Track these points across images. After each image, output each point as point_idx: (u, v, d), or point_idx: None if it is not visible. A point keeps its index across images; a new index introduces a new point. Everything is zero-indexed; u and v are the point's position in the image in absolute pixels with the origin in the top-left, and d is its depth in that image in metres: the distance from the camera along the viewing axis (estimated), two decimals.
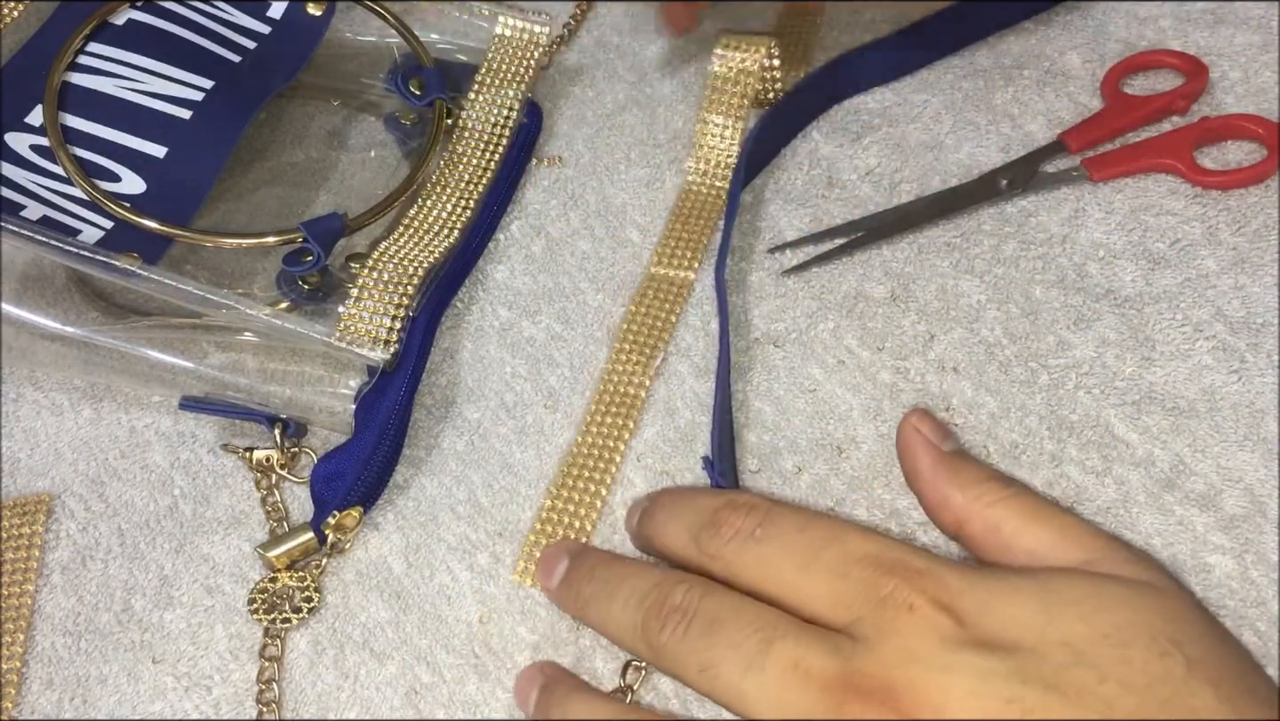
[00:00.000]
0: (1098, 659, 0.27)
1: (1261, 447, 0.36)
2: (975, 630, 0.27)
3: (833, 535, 0.30)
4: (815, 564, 0.30)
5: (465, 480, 0.39)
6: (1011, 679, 0.27)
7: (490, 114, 0.45)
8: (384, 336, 0.38)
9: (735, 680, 0.29)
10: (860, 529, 0.31)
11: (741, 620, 0.29)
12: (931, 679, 0.27)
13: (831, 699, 0.27)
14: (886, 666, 0.27)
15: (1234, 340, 0.39)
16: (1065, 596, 0.28)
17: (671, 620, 0.30)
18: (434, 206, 0.43)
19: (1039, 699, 0.26)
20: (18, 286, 0.40)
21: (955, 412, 0.38)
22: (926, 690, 0.27)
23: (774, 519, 0.31)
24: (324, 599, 0.37)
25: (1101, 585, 0.29)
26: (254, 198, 0.45)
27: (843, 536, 0.30)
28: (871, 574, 0.29)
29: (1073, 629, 0.27)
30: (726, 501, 0.32)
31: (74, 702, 0.35)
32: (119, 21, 0.43)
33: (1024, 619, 0.28)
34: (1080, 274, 0.41)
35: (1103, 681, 0.26)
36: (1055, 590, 0.28)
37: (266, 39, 0.45)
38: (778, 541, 0.31)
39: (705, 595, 0.31)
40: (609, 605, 0.32)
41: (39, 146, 0.40)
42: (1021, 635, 0.27)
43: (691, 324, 0.41)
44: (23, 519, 0.38)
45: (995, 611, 0.28)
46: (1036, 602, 0.28)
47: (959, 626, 0.28)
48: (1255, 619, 0.34)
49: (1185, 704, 0.26)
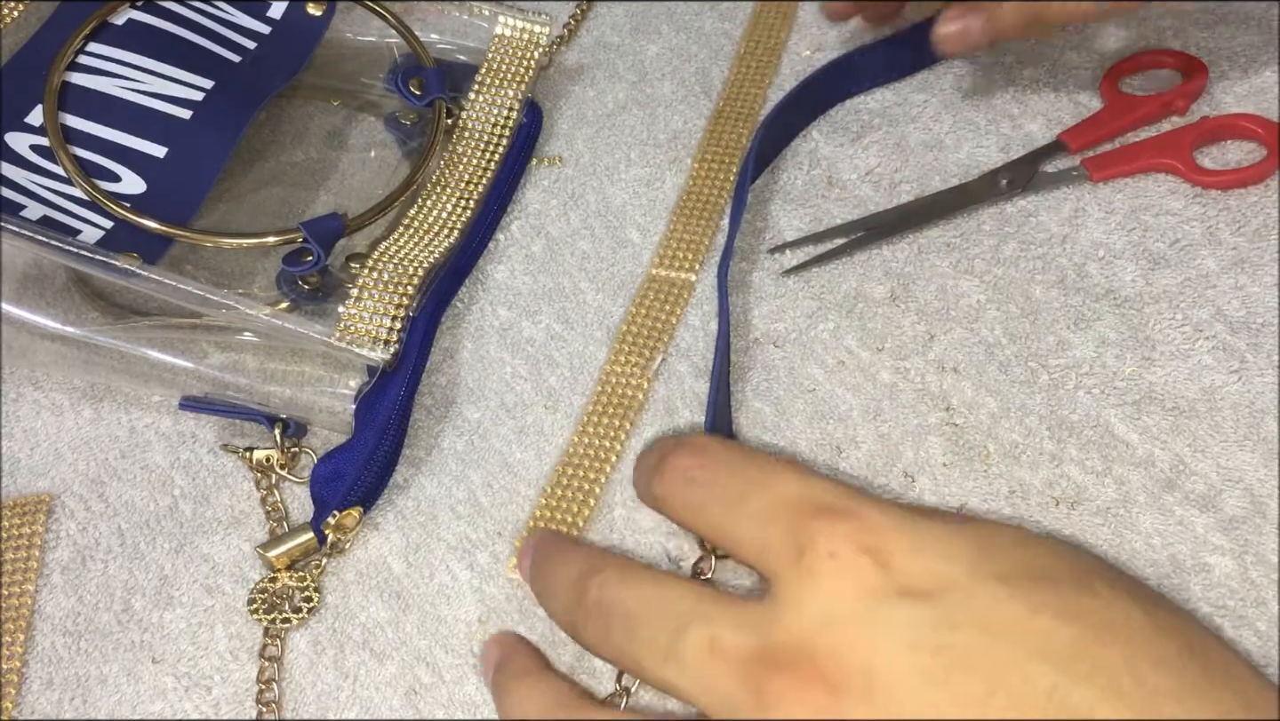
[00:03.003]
0: (1030, 592, 0.26)
1: (1261, 448, 0.36)
2: (901, 575, 0.26)
3: (763, 478, 0.29)
4: (742, 509, 0.28)
5: (465, 480, 0.39)
6: (940, 626, 0.25)
7: (490, 114, 0.45)
8: (384, 336, 0.38)
9: (660, 674, 0.27)
10: (797, 469, 0.29)
11: (654, 610, 0.28)
12: (854, 639, 0.25)
13: (751, 678, 0.26)
14: (806, 633, 0.26)
15: (1234, 340, 0.39)
16: (996, 540, 0.27)
17: (591, 619, 0.29)
18: (434, 206, 0.43)
19: (971, 641, 0.25)
20: (18, 286, 0.40)
21: (955, 412, 0.38)
22: (851, 653, 0.25)
23: (712, 459, 0.30)
24: (324, 599, 0.37)
25: (1025, 531, 0.28)
26: (254, 198, 0.45)
27: (773, 479, 0.29)
28: (794, 519, 0.27)
29: (1003, 566, 0.26)
30: (676, 442, 0.31)
31: (74, 702, 0.35)
32: (119, 21, 0.43)
33: (957, 556, 0.26)
34: (1080, 274, 0.41)
35: (1036, 613, 0.25)
36: (987, 534, 0.28)
37: (266, 39, 0.45)
38: (711, 485, 0.29)
39: (619, 585, 0.29)
40: (550, 602, 0.31)
41: (39, 146, 0.40)
42: (951, 574, 0.26)
43: (691, 324, 0.41)
44: (23, 519, 0.38)
45: (924, 551, 0.27)
46: (968, 543, 0.27)
47: (883, 571, 0.26)
48: (1255, 619, 0.34)
49: (1117, 623, 0.26)
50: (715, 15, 0.50)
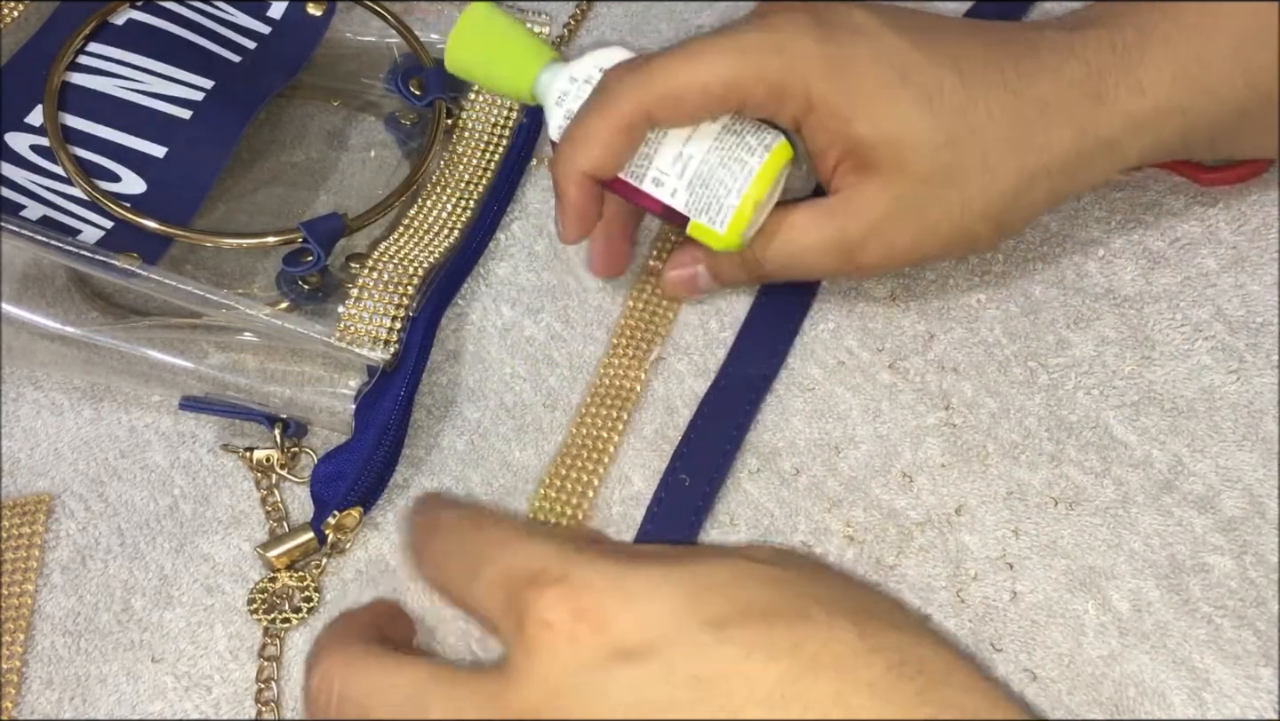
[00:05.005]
0: (742, 633, 0.26)
1: (1260, 448, 0.36)
2: (616, 635, 0.26)
3: (485, 550, 0.29)
4: (471, 584, 0.29)
5: (465, 480, 0.39)
6: (659, 683, 0.26)
7: (490, 114, 0.45)
8: (384, 336, 0.38)
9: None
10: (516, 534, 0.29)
11: (385, 702, 0.28)
12: (582, 706, 0.26)
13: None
14: (536, 704, 0.26)
15: (1233, 340, 0.39)
16: (712, 580, 0.27)
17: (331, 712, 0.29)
18: (434, 206, 0.43)
19: (688, 695, 0.25)
20: (18, 286, 0.40)
21: (954, 412, 0.38)
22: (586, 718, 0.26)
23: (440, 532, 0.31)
24: (324, 598, 0.37)
25: (746, 564, 0.28)
26: (254, 198, 0.45)
27: (493, 550, 0.29)
28: (512, 590, 0.27)
29: (716, 609, 0.26)
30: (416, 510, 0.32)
31: (74, 702, 0.35)
32: (119, 21, 0.43)
33: (667, 608, 0.27)
34: (1079, 273, 0.41)
35: (748, 656, 0.26)
36: (703, 574, 0.27)
37: (266, 39, 0.45)
38: (443, 562, 0.30)
39: (345, 683, 0.29)
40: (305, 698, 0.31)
41: (39, 146, 0.41)
42: (665, 628, 0.26)
43: (690, 323, 0.41)
44: (23, 519, 0.38)
45: (636, 603, 0.27)
46: (680, 589, 0.27)
47: (598, 635, 0.26)
48: (1255, 619, 0.34)
49: (830, 651, 0.26)
50: (715, 15, 0.50)
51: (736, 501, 0.37)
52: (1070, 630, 0.34)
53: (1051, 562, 0.35)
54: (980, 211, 0.36)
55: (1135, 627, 0.34)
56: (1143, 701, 0.33)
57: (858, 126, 0.35)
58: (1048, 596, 0.35)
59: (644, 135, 0.35)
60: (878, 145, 0.35)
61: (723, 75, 0.34)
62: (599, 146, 0.35)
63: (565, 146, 0.36)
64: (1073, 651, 0.34)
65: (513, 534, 0.29)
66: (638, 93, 0.35)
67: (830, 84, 0.35)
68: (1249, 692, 0.33)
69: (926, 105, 0.35)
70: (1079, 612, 0.35)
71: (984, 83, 0.35)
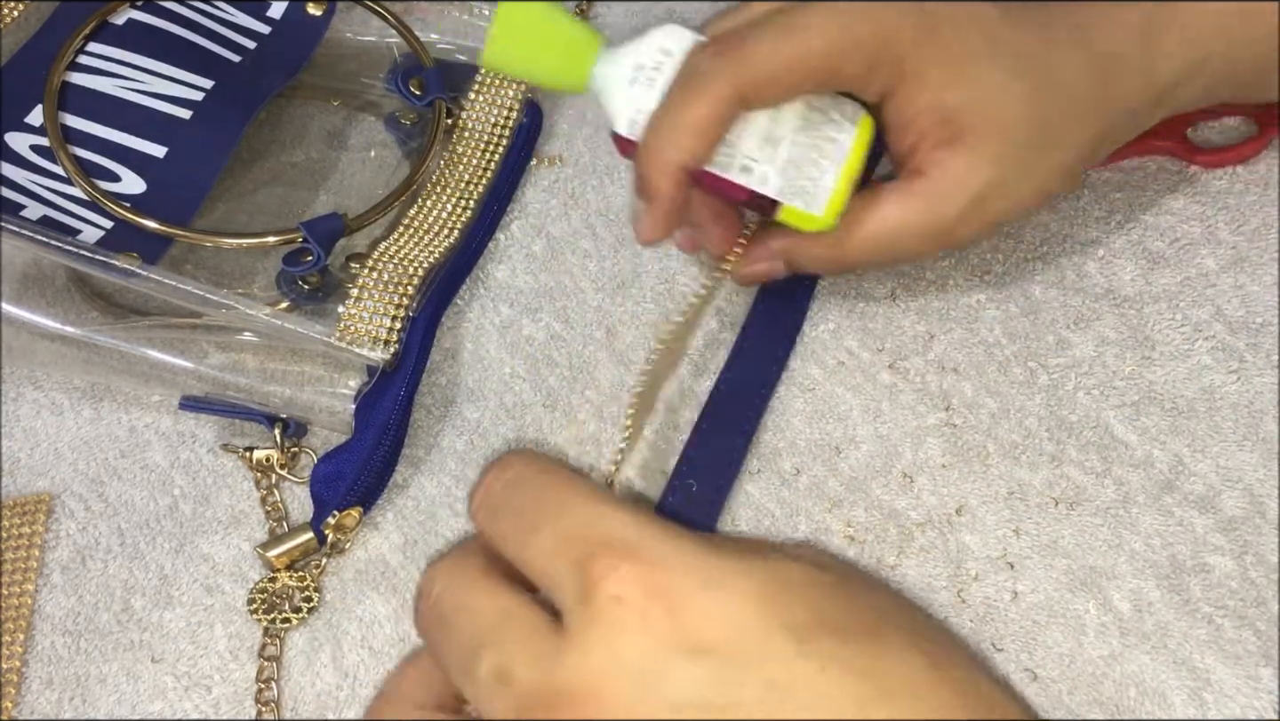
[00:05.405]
0: (820, 645, 0.25)
1: (1261, 448, 0.36)
2: (690, 624, 0.25)
3: (555, 507, 0.28)
4: (534, 540, 0.27)
5: (465, 479, 0.39)
6: (726, 684, 0.25)
7: (490, 114, 0.45)
8: (384, 336, 0.38)
9: (460, 683, 0.27)
10: (591, 496, 0.28)
11: (462, 619, 0.27)
12: (637, 693, 0.25)
13: (531, 714, 0.25)
14: (589, 677, 0.25)
15: (1233, 340, 0.39)
16: (790, 578, 0.27)
17: (423, 617, 0.29)
18: (434, 206, 0.43)
19: (756, 699, 0.25)
20: (18, 286, 0.40)
21: (955, 413, 0.38)
22: (632, 706, 0.25)
23: (511, 483, 0.29)
24: (323, 598, 0.37)
25: (813, 569, 0.28)
26: (254, 198, 0.45)
27: (564, 509, 0.27)
28: (580, 555, 0.26)
29: (796, 614, 0.26)
30: (491, 462, 0.30)
31: (74, 702, 0.35)
32: (119, 21, 0.43)
33: (750, 607, 0.26)
34: (1079, 273, 0.41)
35: (823, 670, 0.25)
36: (780, 572, 0.27)
37: (266, 39, 0.45)
38: (507, 512, 0.29)
39: (444, 587, 0.28)
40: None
41: (39, 146, 0.41)
42: (742, 622, 0.25)
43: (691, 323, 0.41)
44: (23, 519, 0.38)
45: (714, 592, 0.26)
46: (760, 587, 0.26)
47: (671, 620, 0.25)
48: (1255, 619, 0.34)
49: (902, 677, 0.25)
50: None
51: (737, 501, 0.37)
52: (1071, 630, 0.34)
53: (1052, 562, 0.35)
54: (1066, 170, 0.36)
55: (1136, 627, 0.34)
56: (1143, 701, 0.33)
57: (950, 96, 0.34)
58: (1048, 596, 0.35)
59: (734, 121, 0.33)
60: (971, 116, 0.34)
61: (821, 50, 0.32)
62: (694, 136, 0.33)
63: (655, 139, 0.34)
64: (1073, 651, 0.34)
65: (586, 493, 0.28)
66: (733, 77, 0.32)
67: (923, 53, 0.33)
68: (1249, 693, 0.33)
69: (1016, 71, 0.34)
70: (1080, 612, 0.35)
71: (1062, 40, 0.34)
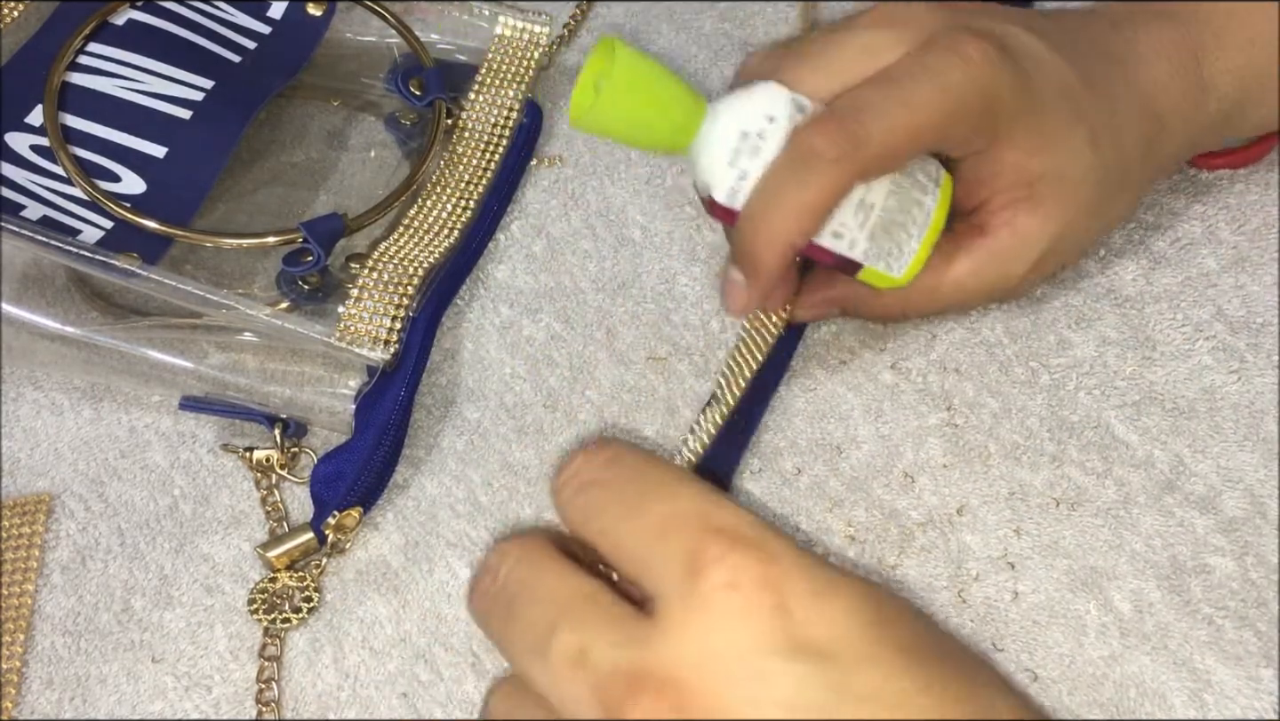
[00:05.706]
0: (925, 668, 0.25)
1: (1261, 448, 0.36)
2: (800, 625, 0.24)
3: (667, 489, 0.27)
4: (637, 518, 0.26)
5: (465, 479, 0.39)
6: (829, 689, 0.24)
7: (490, 114, 0.45)
8: (384, 336, 0.38)
9: (524, 665, 0.26)
10: (703, 486, 0.27)
11: (535, 597, 0.26)
12: (734, 687, 0.24)
13: (610, 696, 0.24)
14: (683, 664, 0.24)
15: (1234, 340, 0.39)
16: (893, 606, 0.26)
17: (485, 597, 0.28)
18: (434, 206, 0.43)
19: (855, 710, 0.24)
20: (18, 286, 0.40)
21: (956, 413, 0.38)
22: (726, 700, 0.24)
23: (614, 464, 0.28)
24: (324, 598, 0.37)
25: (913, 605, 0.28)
26: (254, 198, 0.45)
27: (677, 491, 0.26)
28: (693, 537, 0.25)
29: (905, 637, 0.25)
30: (583, 447, 0.29)
31: (74, 702, 0.35)
32: (119, 21, 0.43)
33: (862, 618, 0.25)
34: (1080, 273, 0.41)
35: (924, 691, 0.24)
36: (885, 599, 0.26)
37: (266, 39, 0.45)
38: (607, 489, 0.27)
39: (514, 566, 0.27)
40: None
41: (39, 146, 0.41)
42: (852, 634, 0.25)
43: (692, 323, 0.41)
44: (23, 519, 0.38)
45: (825, 600, 0.25)
46: (868, 601, 0.25)
47: (781, 616, 0.24)
48: (1255, 619, 0.34)
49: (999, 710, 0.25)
50: (715, 15, 0.50)
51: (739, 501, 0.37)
52: (1071, 630, 0.34)
53: (1053, 563, 0.35)
54: (1118, 220, 0.40)
55: (1136, 628, 0.34)
56: (1143, 702, 0.33)
57: (1035, 162, 0.35)
58: (1049, 596, 0.35)
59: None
60: (1051, 181, 0.36)
61: (936, 123, 0.33)
62: (809, 218, 0.33)
63: (767, 215, 0.33)
64: (1074, 652, 0.34)
65: (694, 482, 0.27)
66: (851, 162, 0.32)
67: (1015, 115, 0.34)
68: (1250, 694, 0.33)
69: (1091, 140, 0.36)
70: (1080, 613, 0.35)
71: (1121, 105, 0.36)
